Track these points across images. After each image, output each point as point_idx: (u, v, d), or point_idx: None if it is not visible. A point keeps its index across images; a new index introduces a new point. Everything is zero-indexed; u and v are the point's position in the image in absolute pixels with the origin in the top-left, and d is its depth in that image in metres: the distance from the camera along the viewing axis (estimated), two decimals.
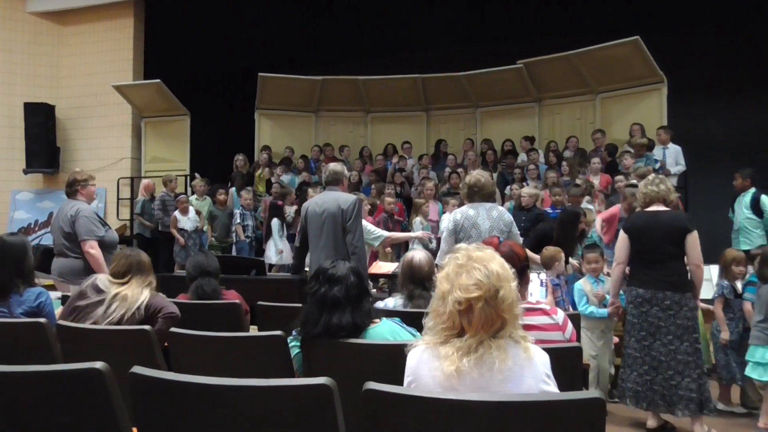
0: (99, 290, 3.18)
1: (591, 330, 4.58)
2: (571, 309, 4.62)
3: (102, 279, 3.24)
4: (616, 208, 6.15)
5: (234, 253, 8.67)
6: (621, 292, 4.43)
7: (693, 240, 3.96)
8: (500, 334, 1.75)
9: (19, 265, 3.33)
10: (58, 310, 3.45)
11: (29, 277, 3.36)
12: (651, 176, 4.33)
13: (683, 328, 3.95)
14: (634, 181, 6.03)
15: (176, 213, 8.58)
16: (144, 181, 9.78)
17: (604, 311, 4.50)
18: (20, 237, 3.62)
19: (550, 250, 4.97)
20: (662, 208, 4.09)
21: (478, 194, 4.59)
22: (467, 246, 1.89)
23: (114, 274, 3.26)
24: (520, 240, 4.68)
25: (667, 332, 3.96)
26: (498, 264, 1.80)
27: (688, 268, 4.04)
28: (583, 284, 4.67)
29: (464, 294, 1.73)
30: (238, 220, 8.70)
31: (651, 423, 4.15)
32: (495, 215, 4.49)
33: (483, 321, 1.73)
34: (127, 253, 3.36)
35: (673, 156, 8.01)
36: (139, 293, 3.18)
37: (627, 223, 4.30)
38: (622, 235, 4.20)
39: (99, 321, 3.07)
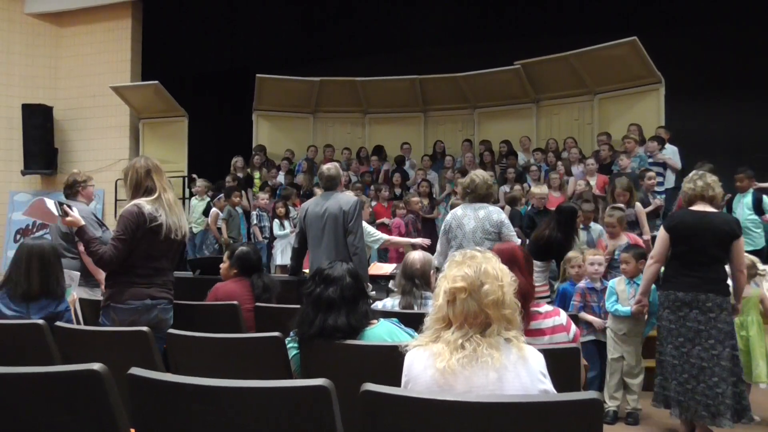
0: (156, 211, 3.25)
1: (615, 331, 4.39)
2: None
3: (148, 207, 3.25)
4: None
5: None
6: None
7: (740, 245, 3.81)
8: (488, 332, 1.78)
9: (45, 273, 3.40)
10: None
11: (53, 288, 3.42)
12: (692, 173, 4.08)
13: (724, 332, 3.74)
14: (620, 205, 5.81)
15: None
16: None
17: (627, 309, 4.27)
18: (47, 242, 3.69)
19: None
20: (709, 208, 3.87)
21: (470, 195, 4.58)
22: (474, 250, 1.94)
23: (138, 187, 3.31)
24: (516, 240, 4.64)
25: (708, 336, 3.73)
26: (492, 265, 1.84)
27: (728, 272, 3.90)
28: (616, 283, 4.46)
29: (451, 284, 1.81)
30: (255, 221, 8.65)
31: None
32: (481, 215, 4.47)
33: (465, 313, 1.78)
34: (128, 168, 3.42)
35: (671, 156, 8.01)
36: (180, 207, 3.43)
37: (672, 221, 4.01)
38: (663, 234, 3.94)
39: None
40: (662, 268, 4.09)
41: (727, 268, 3.92)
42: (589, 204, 6.22)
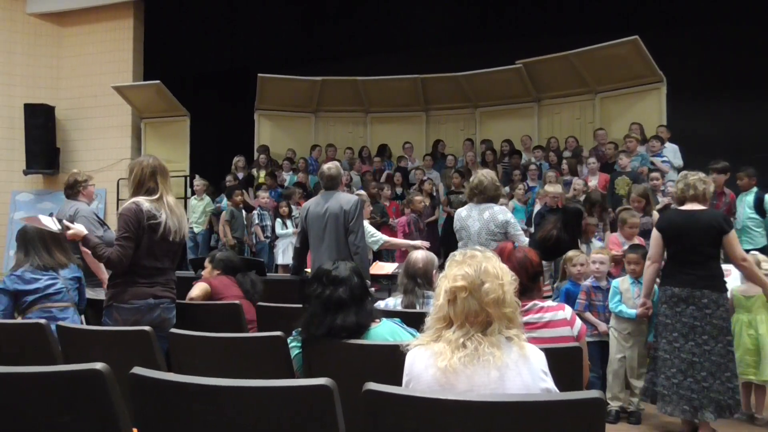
0: (157, 210, 3.28)
1: (619, 331, 4.38)
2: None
3: (147, 204, 3.27)
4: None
5: (247, 254, 8.64)
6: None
7: (730, 239, 3.82)
8: (489, 330, 1.78)
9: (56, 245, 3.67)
10: None
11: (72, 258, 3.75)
12: (679, 174, 4.19)
13: (718, 328, 3.78)
14: (629, 206, 5.83)
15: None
16: None
17: (633, 312, 4.26)
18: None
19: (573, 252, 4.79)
20: (698, 207, 3.91)
21: (479, 195, 4.55)
22: (474, 249, 1.94)
23: (140, 185, 3.33)
24: (524, 239, 4.60)
25: (702, 332, 3.77)
26: (492, 264, 1.85)
27: (732, 266, 3.93)
28: (620, 283, 4.46)
29: (451, 283, 1.82)
30: (257, 221, 8.66)
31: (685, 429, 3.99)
32: (486, 216, 4.44)
33: (466, 312, 1.79)
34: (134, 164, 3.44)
35: (671, 154, 8.01)
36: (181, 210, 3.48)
37: (662, 222, 4.08)
38: (656, 234, 4.00)
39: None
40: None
41: (726, 266, 3.94)
42: (592, 219, 6.16)
